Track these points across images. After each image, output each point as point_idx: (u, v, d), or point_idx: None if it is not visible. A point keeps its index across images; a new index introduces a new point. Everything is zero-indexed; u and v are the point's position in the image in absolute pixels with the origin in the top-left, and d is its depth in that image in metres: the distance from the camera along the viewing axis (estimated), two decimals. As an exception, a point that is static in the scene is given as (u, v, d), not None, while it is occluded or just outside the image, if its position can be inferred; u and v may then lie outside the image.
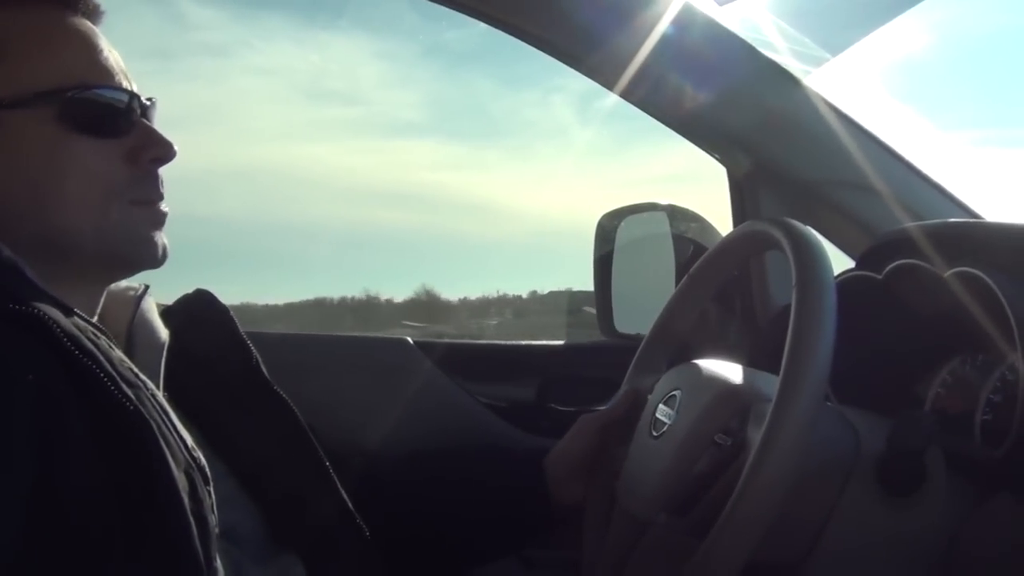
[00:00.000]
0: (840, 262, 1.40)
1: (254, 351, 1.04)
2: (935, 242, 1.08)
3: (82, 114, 0.83)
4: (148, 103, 0.90)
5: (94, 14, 0.90)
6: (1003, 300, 0.90)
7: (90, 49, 0.86)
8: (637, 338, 1.26)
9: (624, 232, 1.73)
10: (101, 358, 0.72)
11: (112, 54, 0.88)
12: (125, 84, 0.88)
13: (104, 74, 0.86)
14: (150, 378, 0.81)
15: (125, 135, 0.86)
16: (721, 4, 1.41)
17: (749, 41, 1.44)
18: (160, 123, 0.92)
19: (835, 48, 1.49)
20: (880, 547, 0.89)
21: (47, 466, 0.65)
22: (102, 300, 0.91)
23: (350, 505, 1.00)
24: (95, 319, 0.86)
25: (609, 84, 1.43)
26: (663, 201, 1.73)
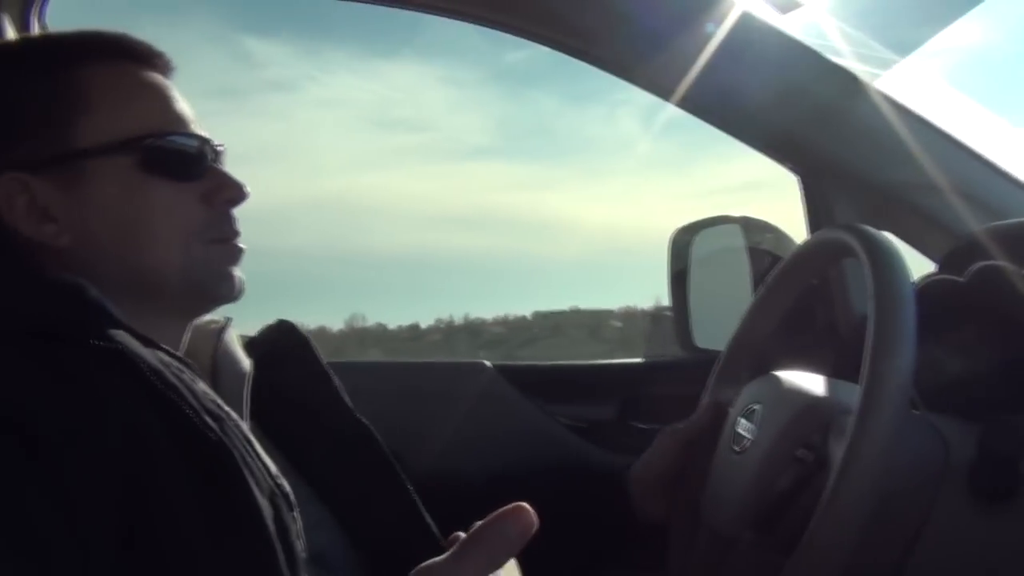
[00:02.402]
0: (923, 266, 1.37)
1: (335, 379, 1.06)
2: (1019, 241, 1.05)
3: (160, 160, 0.88)
4: (219, 148, 0.94)
5: (167, 68, 0.95)
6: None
7: (164, 100, 0.91)
8: (717, 353, 1.25)
9: (698, 247, 1.72)
10: (185, 391, 0.75)
11: (184, 104, 0.93)
12: (198, 131, 0.93)
13: (178, 122, 0.91)
14: (235, 408, 0.83)
15: (199, 179, 0.91)
16: (784, 12, 1.40)
17: (814, 48, 1.42)
18: (232, 161, 0.96)
19: (904, 49, 1.46)
20: (976, 557, 0.87)
21: (137, 493, 0.68)
22: (187, 335, 0.95)
23: (434, 528, 1.01)
24: (181, 353, 0.90)
25: (668, 96, 1.43)
26: (736, 213, 1.72)
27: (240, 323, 1.05)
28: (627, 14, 1.38)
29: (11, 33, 1.46)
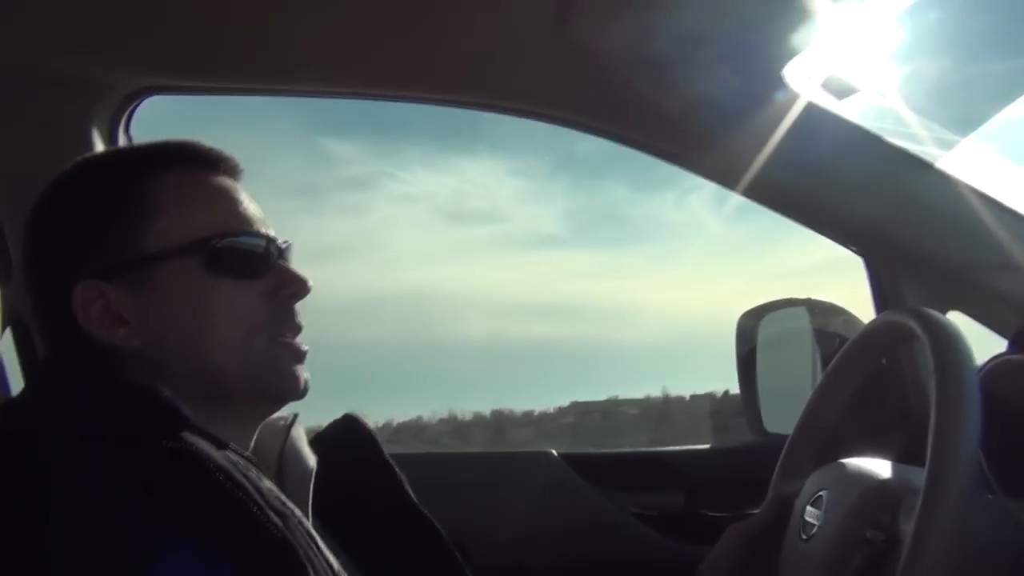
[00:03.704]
0: (996, 345, 1.35)
1: (399, 473, 1.07)
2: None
3: (225, 260, 0.91)
4: (284, 245, 0.97)
5: (234, 172, 0.99)
6: None
7: (231, 202, 0.95)
8: (786, 438, 1.23)
9: (765, 330, 1.71)
10: (251, 489, 0.77)
11: (251, 205, 0.97)
12: (263, 230, 0.96)
13: (243, 222, 0.94)
14: (299, 504, 0.85)
15: (263, 276, 0.93)
16: (840, 98, 1.41)
17: (874, 131, 1.42)
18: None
19: (965, 128, 1.46)
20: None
21: None
22: (255, 434, 0.97)
23: None
24: (249, 451, 0.92)
25: (732, 186, 1.44)
26: (804, 296, 1.71)
27: (319, 413, 1.07)
28: (688, 109, 1.41)
29: (99, 146, 1.53)
